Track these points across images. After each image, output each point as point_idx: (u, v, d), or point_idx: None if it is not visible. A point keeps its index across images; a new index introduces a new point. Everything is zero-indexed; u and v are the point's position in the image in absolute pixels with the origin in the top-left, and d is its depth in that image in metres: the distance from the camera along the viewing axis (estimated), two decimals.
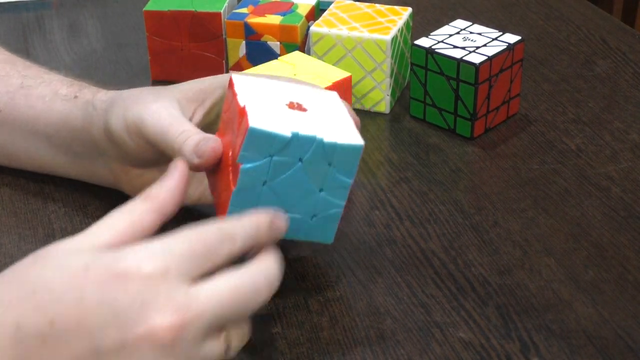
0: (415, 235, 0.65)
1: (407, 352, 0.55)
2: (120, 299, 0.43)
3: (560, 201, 0.68)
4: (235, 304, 0.46)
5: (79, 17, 1.00)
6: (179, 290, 0.44)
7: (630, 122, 0.79)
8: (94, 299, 0.43)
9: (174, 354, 0.44)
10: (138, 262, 0.44)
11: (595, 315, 0.57)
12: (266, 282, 0.48)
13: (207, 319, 0.45)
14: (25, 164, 0.70)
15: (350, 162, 0.53)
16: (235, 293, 0.46)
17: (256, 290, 0.47)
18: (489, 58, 0.74)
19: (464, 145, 0.76)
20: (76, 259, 0.44)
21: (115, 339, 0.43)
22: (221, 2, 0.84)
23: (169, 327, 0.43)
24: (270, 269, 0.48)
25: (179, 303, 0.44)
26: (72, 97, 0.65)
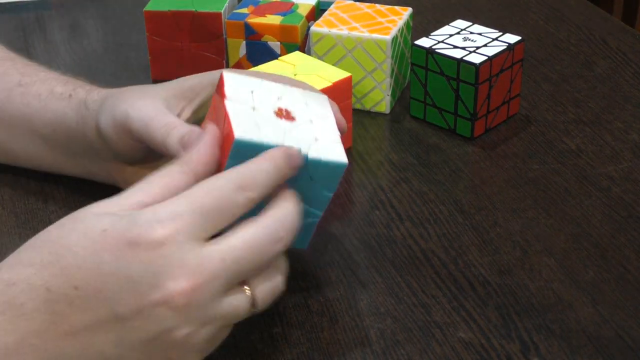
0: (416, 236, 0.65)
1: (407, 352, 0.55)
2: (134, 268, 0.45)
3: (561, 201, 0.68)
4: (252, 257, 0.47)
5: (79, 17, 1.00)
6: (191, 253, 0.45)
7: (630, 122, 0.79)
8: (110, 266, 0.45)
9: (191, 315, 0.45)
10: (148, 228, 0.45)
11: (595, 315, 0.57)
12: (284, 228, 0.48)
13: (222, 278, 0.46)
14: (25, 162, 0.70)
15: (332, 178, 0.53)
16: (251, 247, 0.47)
17: (274, 239, 0.48)
18: (489, 58, 0.74)
19: (464, 146, 0.76)
20: (97, 223, 0.46)
21: (132, 305, 0.45)
22: (221, 2, 0.84)
23: (183, 291, 0.45)
24: (287, 214, 0.49)
25: (190, 267, 0.45)
26: (67, 96, 0.65)
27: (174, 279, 0.45)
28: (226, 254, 0.46)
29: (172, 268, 0.45)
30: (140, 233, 0.45)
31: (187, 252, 0.45)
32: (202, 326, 0.46)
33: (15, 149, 0.69)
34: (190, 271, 0.45)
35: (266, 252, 0.48)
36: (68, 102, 0.65)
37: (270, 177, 0.49)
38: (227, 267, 0.46)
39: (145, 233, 0.45)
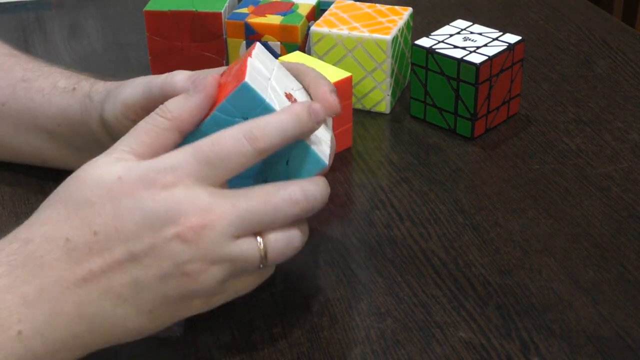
0: (416, 235, 0.65)
1: (408, 352, 0.55)
2: (150, 206, 0.48)
3: (561, 201, 0.68)
4: (265, 210, 0.49)
5: (79, 17, 1.00)
6: (202, 194, 0.48)
7: (630, 122, 0.79)
8: (128, 207, 0.48)
9: (201, 250, 0.48)
10: (162, 172, 0.49)
11: (596, 315, 0.57)
12: (304, 196, 0.50)
13: (231, 220, 0.49)
14: (29, 158, 0.70)
15: (306, 171, 0.53)
16: (265, 201, 0.50)
17: (291, 201, 0.50)
18: (489, 58, 0.74)
19: (464, 145, 0.76)
20: (110, 173, 0.49)
21: (146, 242, 0.48)
22: (222, 2, 0.84)
23: (193, 226, 0.48)
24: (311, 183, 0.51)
25: (201, 205, 0.48)
26: (70, 89, 0.66)
27: (185, 215, 0.48)
28: (237, 200, 0.49)
29: (185, 205, 0.48)
30: (156, 177, 0.48)
31: (198, 193, 0.48)
32: (212, 264, 0.49)
33: (20, 144, 0.69)
34: (201, 209, 0.48)
35: (281, 210, 0.50)
36: (72, 95, 0.65)
37: (285, 129, 0.50)
38: (237, 211, 0.49)
39: (160, 176, 0.48)
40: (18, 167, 0.72)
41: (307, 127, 0.51)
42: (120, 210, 0.48)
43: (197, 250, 0.48)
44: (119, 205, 0.48)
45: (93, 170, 0.50)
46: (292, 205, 0.50)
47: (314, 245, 0.64)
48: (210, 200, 0.48)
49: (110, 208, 0.48)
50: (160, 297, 0.49)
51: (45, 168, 0.70)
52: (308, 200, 0.51)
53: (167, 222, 0.48)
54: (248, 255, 0.50)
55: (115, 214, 0.48)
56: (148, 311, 0.49)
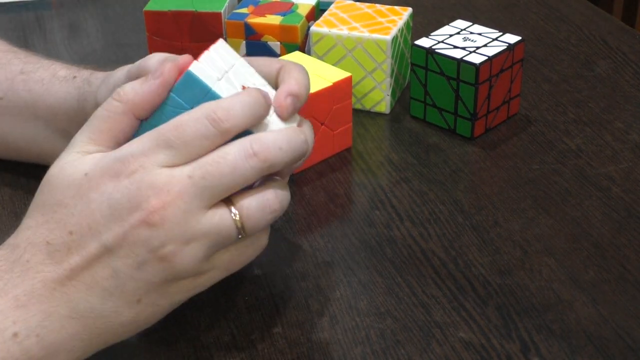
0: (416, 235, 0.65)
1: (408, 352, 0.55)
2: (115, 196, 0.48)
3: (561, 201, 0.68)
4: (222, 171, 0.49)
5: (79, 17, 1.00)
6: (160, 175, 0.48)
7: (630, 122, 0.79)
8: (96, 201, 0.48)
9: (170, 232, 0.48)
10: (124, 161, 0.49)
11: (596, 315, 0.57)
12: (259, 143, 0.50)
13: (192, 193, 0.48)
14: (25, 152, 0.70)
15: None
16: (219, 162, 0.49)
17: (246, 154, 0.49)
18: (489, 58, 0.74)
19: (464, 145, 0.76)
20: (77, 172, 0.50)
21: (117, 233, 0.48)
22: (221, 2, 0.84)
23: (154, 208, 0.48)
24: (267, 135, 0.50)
25: (159, 186, 0.48)
26: (71, 77, 0.66)
27: (146, 198, 0.48)
28: (193, 171, 0.49)
29: (144, 190, 0.48)
30: (119, 166, 0.49)
31: (156, 175, 0.48)
32: (186, 243, 0.49)
33: (15, 138, 0.69)
34: (159, 189, 0.48)
35: (239, 167, 0.49)
36: (72, 83, 0.65)
37: (248, 108, 0.50)
38: (195, 182, 0.48)
39: (121, 165, 0.49)
40: (18, 167, 0.72)
41: (266, 107, 0.51)
42: (90, 205, 0.48)
43: (166, 232, 0.48)
44: (88, 201, 0.48)
45: (60, 172, 0.50)
46: (248, 158, 0.49)
47: (314, 245, 0.64)
48: (167, 179, 0.48)
49: (81, 206, 0.49)
50: (144, 284, 0.49)
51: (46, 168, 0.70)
52: (264, 150, 0.50)
53: (131, 209, 0.48)
54: (222, 226, 0.49)
55: (86, 211, 0.48)
56: (137, 301, 0.49)
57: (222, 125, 0.49)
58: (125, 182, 0.48)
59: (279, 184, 0.52)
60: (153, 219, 0.48)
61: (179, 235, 0.48)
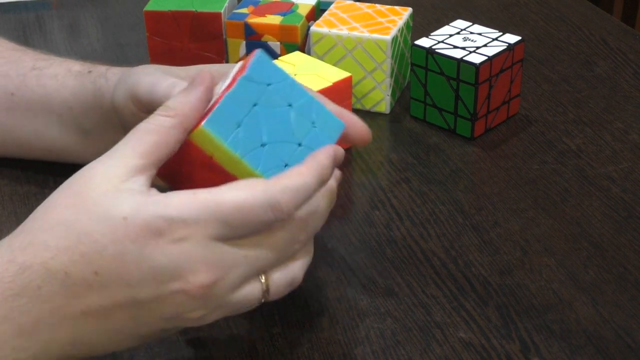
0: (416, 236, 0.65)
1: (408, 352, 0.55)
2: (157, 258, 0.46)
3: (561, 201, 0.68)
4: (275, 254, 0.49)
5: (79, 17, 1.00)
6: (214, 249, 0.47)
7: (630, 122, 0.79)
8: (133, 255, 0.46)
9: (207, 303, 0.47)
10: (173, 224, 0.46)
11: (596, 315, 0.57)
12: (306, 232, 0.50)
13: (242, 272, 0.48)
14: (34, 148, 0.69)
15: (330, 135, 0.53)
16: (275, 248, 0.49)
17: (295, 240, 0.49)
18: (489, 58, 0.74)
19: (464, 146, 0.76)
20: (116, 208, 0.46)
21: (151, 293, 0.46)
22: (221, 2, 0.84)
23: (202, 284, 0.46)
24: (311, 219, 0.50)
25: (211, 261, 0.46)
26: (86, 72, 0.65)
27: (194, 272, 0.46)
28: (249, 252, 0.48)
29: (194, 262, 0.46)
30: (164, 226, 0.46)
31: (209, 248, 0.47)
32: (215, 310, 0.48)
33: (27, 134, 0.69)
34: (211, 265, 0.47)
35: (287, 251, 0.50)
36: (88, 77, 0.65)
37: (311, 194, 0.50)
38: (250, 262, 0.48)
39: (169, 227, 0.46)
40: (18, 167, 0.72)
41: (327, 179, 0.51)
42: (125, 257, 0.46)
43: (204, 303, 0.47)
44: (124, 250, 0.46)
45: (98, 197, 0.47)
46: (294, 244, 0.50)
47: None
48: (221, 254, 0.47)
49: (113, 250, 0.46)
50: (158, 330, 0.48)
51: (45, 168, 0.70)
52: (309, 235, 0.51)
53: (175, 277, 0.46)
54: (252, 298, 0.49)
55: (119, 259, 0.46)
56: (140, 337, 0.49)
57: (282, 216, 0.48)
58: (171, 248, 0.46)
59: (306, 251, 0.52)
60: (197, 293, 0.46)
61: (215, 305, 0.48)
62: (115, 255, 0.46)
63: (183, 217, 0.46)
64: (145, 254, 0.46)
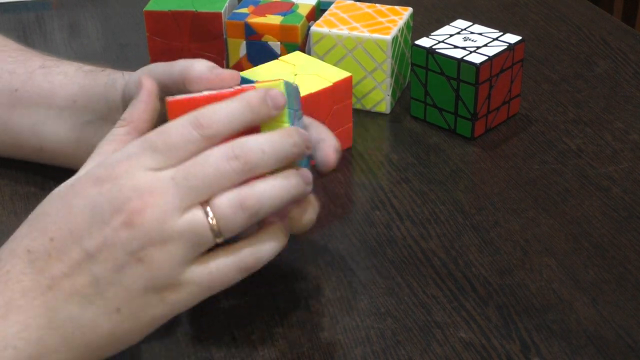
0: (416, 236, 0.65)
1: (408, 352, 0.55)
2: (97, 200, 0.49)
3: (561, 201, 0.68)
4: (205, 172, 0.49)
5: (79, 17, 1.00)
6: (143, 177, 0.49)
7: (630, 122, 0.79)
8: (78, 206, 0.49)
9: (149, 232, 0.48)
10: (108, 167, 0.50)
11: (596, 315, 0.57)
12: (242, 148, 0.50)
13: (173, 195, 0.48)
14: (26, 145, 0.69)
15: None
16: (203, 163, 0.49)
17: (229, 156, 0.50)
18: (489, 58, 0.74)
19: (464, 146, 0.76)
20: (64, 185, 0.51)
21: (98, 237, 0.48)
22: (222, 2, 0.84)
23: (136, 209, 0.48)
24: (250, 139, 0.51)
25: (142, 187, 0.48)
26: (99, 70, 0.67)
27: (128, 200, 0.48)
28: (176, 173, 0.49)
29: (126, 191, 0.48)
30: (104, 172, 0.49)
31: (140, 177, 0.49)
32: (162, 244, 0.48)
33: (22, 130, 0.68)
34: (142, 191, 0.48)
35: (220, 169, 0.49)
36: (101, 75, 0.66)
37: (233, 115, 0.51)
38: (178, 183, 0.49)
39: (106, 171, 0.49)
40: (18, 167, 0.72)
41: (261, 113, 0.52)
42: (72, 211, 0.49)
43: (144, 233, 0.48)
44: (70, 207, 0.49)
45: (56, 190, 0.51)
46: (231, 160, 0.49)
47: (314, 245, 0.64)
48: (150, 180, 0.48)
49: (63, 212, 0.49)
50: (123, 291, 0.48)
51: (46, 169, 0.70)
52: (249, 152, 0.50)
53: (113, 212, 0.48)
54: (196, 225, 0.49)
55: (67, 217, 0.49)
56: (116, 310, 0.48)
57: (206, 132, 0.50)
58: (108, 186, 0.49)
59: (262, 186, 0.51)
60: (133, 219, 0.48)
61: (157, 235, 0.48)
62: (66, 215, 0.49)
63: (116, 157, 0.50)
64: (87, 201, 0.49)
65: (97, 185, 0.49)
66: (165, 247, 0.48)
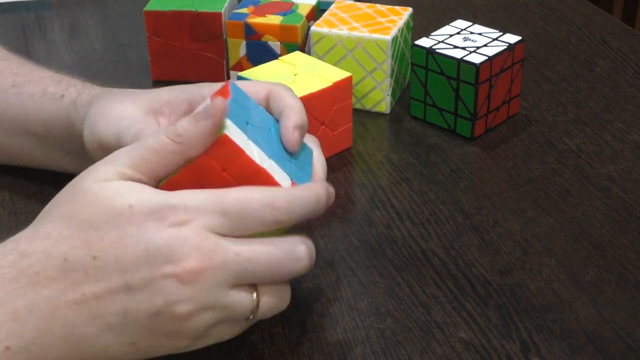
0: (416, 236, 0.65)
1: (408, 352, 0.55)
2: (154, 240, 0.47)
3: (561, 201, 0.68)
4: (267, 265, 0.49)
5: (79, 17, 1.00)
6: (209, 240, 0.48)
7: (630, 122, 0.79)
8: (132, 237, 0.47)
9: (196, 293, 0.47)
10: (175, 209, 0.48)
11: (596, 315, 0.57)
12: (307, 251, 0.50)
13: (232, 270, 0.48)
14: (23, 161, 0.70)
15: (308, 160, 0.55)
16: (268, 255, 0.49)
17: (293, 258, 0.50)
18: (489, 58, 0.74)
19: (464, 146, 0.76)
20: (122, 199, 0.48)
21: (144, 276, 0.47)
22: (221, 2, 0.84)
23: (192, 269, 0.47)
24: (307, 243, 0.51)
25: (205, 250, 0.47)
26: (59, 96, 0.65)
27: (187, 257, 0.47)
28: (242, 251, 0.48)
29: (188, 247, 0.47)
30: (167, 212, 0.48)
31: (205, 238, 0.48)
32: (204, 309, 0.48)
33: (12, 148, 0.69)
34: (204, 254, 0.47)
35: (282, 267, 0.50)
36: (60, 103, 0.65)
37: (307, 207, 0.50)
38: (240, 262, 0.48)
39: (171, 213, 0.48)
40: (18, 167, 0.72)
41: (321, 210, 0.51)
42: (124, 239, 0.47)
43: (192, 292, 0.47)
44: (124, 233, 0.47)
45: (101, 190, 0.48)
46: (294, 262, 0.50)
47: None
48: (215, 246, 0.48)
49: (114, 235, 0.47)
50: (146, 331, 0.48)
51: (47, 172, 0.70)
52: (311, 258, 0.51)
53: (168, 259, 0.47)
54: (241, 306, 0.49)
55: (118, 242, 0.47)
56: (131, 343, 0.48)
57: (280, 218, 0.49)
58: (170, 231, 0.47)
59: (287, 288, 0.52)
60: (186, 277, 0.47)
61: (202, 300, 0.48)
62: (116, 239, 0.47)
63: (185, 203, 0.48)
64: (143, 236, 0.47)
65: (156, 222, 0.47)
66: (204, 313, 0.48)
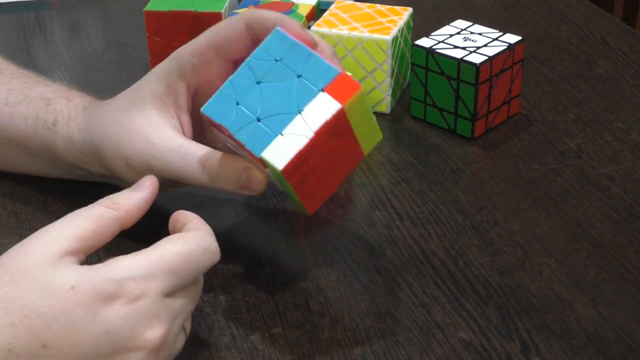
0: (416, 236, 0.65)
1: (408, 352, 0.55)
2: (112, 321, 0.46)
3: (561, 201, 0.68)
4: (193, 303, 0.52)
5: (79, 17, 1.00)
6: (163, 304, 0.48)
7: (631, 122, 0.79)
8: (86, 322, 0.46)
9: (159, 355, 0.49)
10: (124, 284, 0.47)
11: (596, 315, 0.57)
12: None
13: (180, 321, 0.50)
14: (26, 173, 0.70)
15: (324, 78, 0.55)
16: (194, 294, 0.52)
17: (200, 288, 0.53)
18: (489, 58, 0.74)
19: (464, 146, 0.76)
20: (61, 281, 0.46)
21: (108, 351, 0.47)
22: (222, 2, 0.84)
23: (159, 338, 0.48)
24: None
25: (163, 316, 0.48)
26: (50, 124, 0.63)
27: (151, 328, 0.48)
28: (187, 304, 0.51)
29: (149, 320, 0.48)
30: (116, 289, 0.47)
31: (161, 304, 0.48)
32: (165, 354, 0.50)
33: (16, 164, 0.69)
34: (162, 319, 0.48)
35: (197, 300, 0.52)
36: (54, 133, 0.63)
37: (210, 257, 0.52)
38: (184, 310, 0.51)
39: (121, 289, 0.47)
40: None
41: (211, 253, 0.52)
42: (77, 325, 0.45)
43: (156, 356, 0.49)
44: (75, 319, 0.45)
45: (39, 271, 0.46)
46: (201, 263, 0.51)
47: (314, 245, 0.64)
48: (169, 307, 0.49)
49: (64, 321, 0.45)
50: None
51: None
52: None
53: (132, 336, 0.47)
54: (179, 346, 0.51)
55: (70, 329, 0.45)
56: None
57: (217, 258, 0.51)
58: (127, 309, 0.47)
59: None
60: (154, 346, 0.48)
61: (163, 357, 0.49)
62: (66, 324, 0.45)
63: (132, 275, 0.47)
64: (99, 320, 0.46)
65: (108, 302, 0.46)
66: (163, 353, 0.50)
